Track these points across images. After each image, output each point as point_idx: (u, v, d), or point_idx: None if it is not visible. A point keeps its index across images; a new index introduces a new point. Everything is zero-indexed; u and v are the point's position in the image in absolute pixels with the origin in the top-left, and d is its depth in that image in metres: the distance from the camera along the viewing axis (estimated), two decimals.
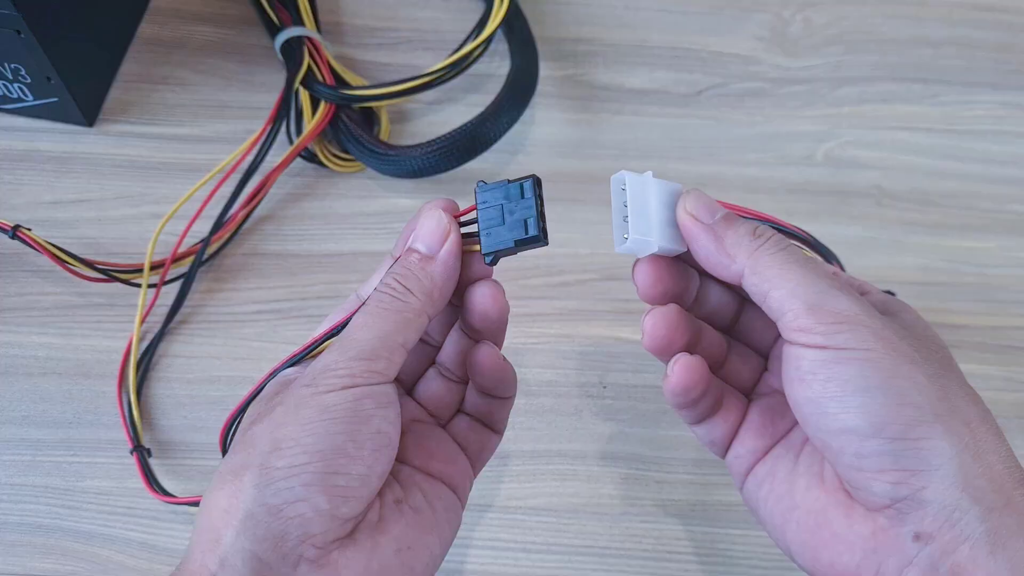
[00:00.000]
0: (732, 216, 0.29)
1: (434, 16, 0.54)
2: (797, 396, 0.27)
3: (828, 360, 0.26)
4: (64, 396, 0.42)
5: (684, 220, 0.29)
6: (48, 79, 0.45)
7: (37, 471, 0.41)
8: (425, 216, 0.30)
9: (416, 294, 0.29)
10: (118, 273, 0.43)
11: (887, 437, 0.25)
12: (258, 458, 0.26)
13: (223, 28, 0.53)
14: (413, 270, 0.29)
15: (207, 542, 0.25)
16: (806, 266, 0.27)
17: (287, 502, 0.25)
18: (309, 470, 0.25)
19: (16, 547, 0.40)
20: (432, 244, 0.29)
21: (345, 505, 0.26)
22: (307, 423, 0.26)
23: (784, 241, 0.28)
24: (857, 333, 0.26)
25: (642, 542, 0.41)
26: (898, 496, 0.25)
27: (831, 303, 0.26)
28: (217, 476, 0.26)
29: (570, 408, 0.43)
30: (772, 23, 0.55)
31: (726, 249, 0.28)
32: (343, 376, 0.27)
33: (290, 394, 0.27)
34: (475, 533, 0.41)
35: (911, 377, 0.25)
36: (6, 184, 0.47)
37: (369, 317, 0.28)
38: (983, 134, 0.52)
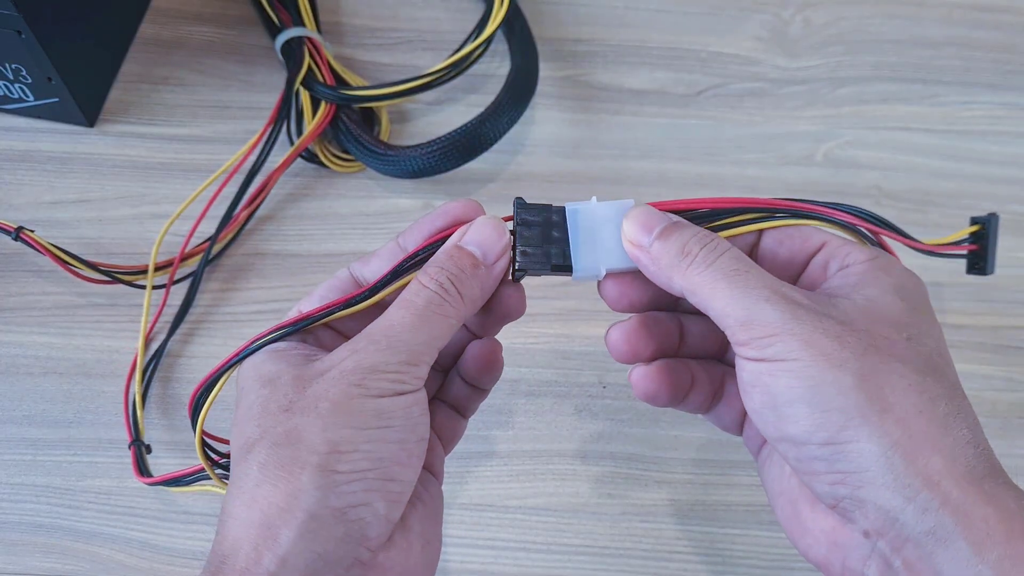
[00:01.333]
0: (668, 231, 0.29)
1: (434, 16, 0.54)
2: (746, 406, 0.28)
3: (762, 372, 0.26)
4: (64, 396, 0.42)
5: (626, 247, 0.30)
6: (49, 79, 0.45)
7: (38, 470, 0.41)
8: (485, 222, 0.29)
9: (465, 300, 0.28)
10: (121, 275, 0.43)
11: (817, 443, 0.26)
12: (315, 458, 0.25)
13: (223, 28, 0.53)
14: (467, 273, 0.29)
15: (259, 538, 0.25)
16: (733, 280, 0.27)
17: (350, 505, 0.25)
18: (370, 476, 0.26)
19: (17, 546, 0.40)
20: (489, 252, 0.29)
21: (397, 509, 0.27)
22: (364, 428, 0.26)
23: (713, 253, 0.28)
24: (785, 343, 0.26)
25: (642, 542, 0.41)
26: (839, 495, 0.26)
27: (759, 316, 0.27)
28: (258, 466, 0.26)
29: (570, 408, 0.43)
30: (772, 23, 0.55)
31: (662, 271, 0.29)
32: (394, 381, 0.27)
33: (335, 390, 0.26)
34: (475, 533, 0.41)
35: (836, 382, 0.25)
36: (7, 184, 0.47)
37: (418, 319, 0.28)
38: (982, 134, 0.52)
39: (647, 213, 0.29)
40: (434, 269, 0.29)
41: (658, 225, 0.29)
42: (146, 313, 0.43)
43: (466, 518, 0.41)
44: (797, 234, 0.30)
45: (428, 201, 0.48)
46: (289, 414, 0.26)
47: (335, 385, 0.27)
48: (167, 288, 0.44)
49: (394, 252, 0.31)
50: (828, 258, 0.30)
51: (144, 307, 0.43)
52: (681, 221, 0.29)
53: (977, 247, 0.32)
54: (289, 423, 0.26)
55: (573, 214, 0.30)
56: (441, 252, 0.29)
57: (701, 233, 0.29)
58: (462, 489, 0.41)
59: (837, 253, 0.29)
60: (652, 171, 0.50)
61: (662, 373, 0.31)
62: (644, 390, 0.31)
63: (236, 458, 0.27)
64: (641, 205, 0.30)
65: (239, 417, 0.28)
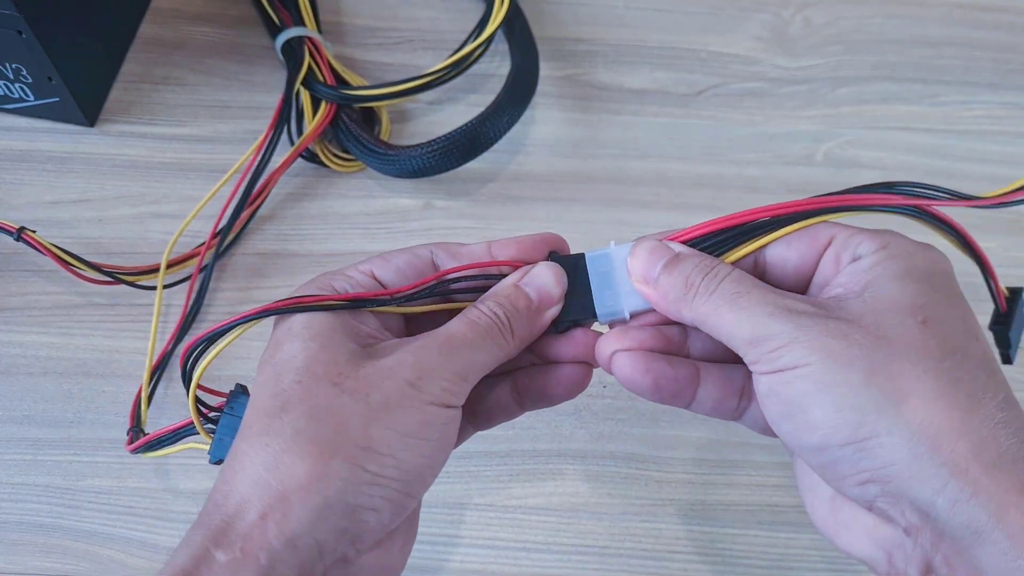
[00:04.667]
0: (671, 265, 0.29)
1: (434, 16, 0.54)
2: (767, 418, 0.28)
3: (776, 383, 0.26)
4: (65, 396, 0.42)
5: (636, 287, 0.30)
6: (49, 79, 0.45)
7: (38, 470, 0.41)
8: (549, 271, 0.30)
9: (516, 338, 0.29)
10: (124, 275, 0.43)
11: (837, 444, 0.25)
12: (351, 449, 0.25)
13: (223, 28, 0.53)
14: (522, 314, 0.29)
15: (270, 507, 0.24)
16: (736, 304, 0.27)
17: (363, 506, 0.25)
18: (393, 486, 0.26)
19: (17, 546, 0.40)
20: (544, 299, 0.30)
21: (398, 520, 0.27)
22: (406, 435, 0.26)
23: (714, 281, 0.28)
24: (793, 352, 0.26)
25: (642, 542, 0.41)
26: (871, 495, 0.25)
27: (765, 331, 0.27)
28: (293, 433, 0.25)
29: (570, 408, 0.43)
30: (772, 23, 0.55)
31: (671, 307, 0.29)
32: (446, 390, 0.27)
33: (389, 381, 0.26)
34: (475, 533, 0.41)
35: (847, 380, 0.25)
36: (7, 184, 0.47)
37: (480, 338, 0.28)
38: (983, 134, 0.52)
39: (648, 249, 0.30)
40: (493, 302, 0.29)
41: (660, 260, 0.29)
42: (157, 312, 0.43)
43: (466, 518, 0.41)
44: (804, 233, 0.30)
45: (428, 201, 0.48)
46: (338, 389, 0.26)
47: (390, 378, 0.26)
48: (190, 286, 0.44)
49: (483, 256, 0.31)
50: (839, 252, 0.29)
51: (155, 307, 0.43)
52: (683, 252, 0.30)
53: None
54: (336, 400, 0.26)
55: (592, 261, 0.31)
56: (501, 286, 0.30)
57: (702, 263, 0.29)
58: (462, 489, 0.41)
59: (847, 245, 0.29)
60: (652, 171, 0.50)
61: (646, 360, 0.30)
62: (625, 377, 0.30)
63: (262, 408, 0.26)
64: (643, 240, 0.30)
65: (280, 359, 0.27)
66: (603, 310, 0.31)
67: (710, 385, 0.31)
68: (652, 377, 0.30)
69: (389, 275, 0.30)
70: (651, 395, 0.30)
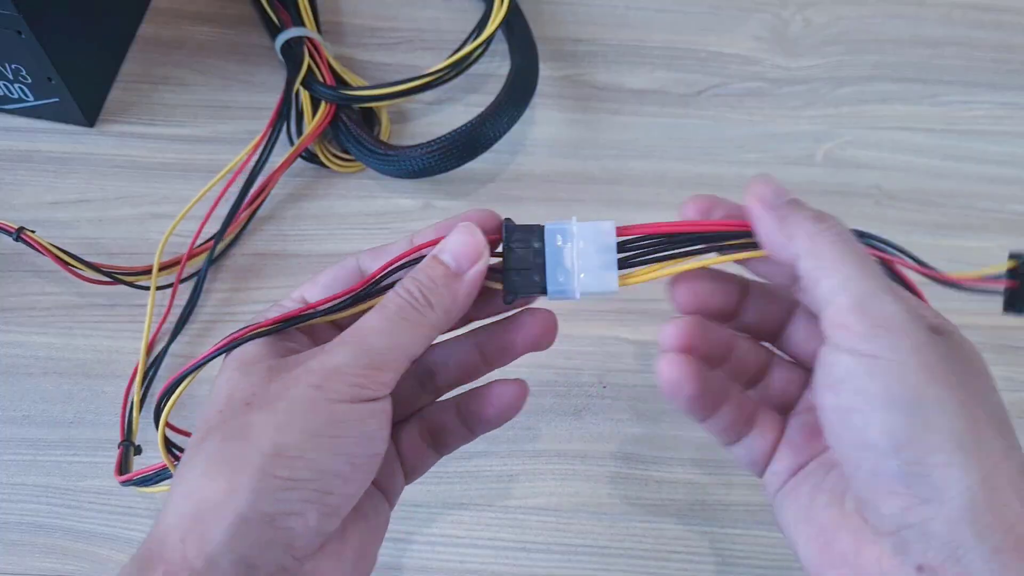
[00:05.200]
0: (799, 201, 0.28)
1: (434, 16, 0.54)
2: (825, 403, 0.26)
3: (860, 371, 0.25)
4: (64, 396, 0.42)
5: (749, 202, 0.29)
6: (49, 79, 0.45)
7: (38, 471, 0.41)
8: (460, 230, 0.29)
9: (436, 310, 0.28)
10: (122, 275, 0.43)
11: (903, 460, 0.24)
12: (258, 459, 0.25)
13: (223, 28, 0.53)
14: (438, 283, 0.28)
15: (188, 531, 0.25)
16: (864, 261, 0.26)
17: (282, 512, 0.25)
18: (309, 487, 0.25)
19: (16, 546, 0.40)
20: (462, 261, 0.29)
21: (331, 522, 0.26)
22: (314, 436, 0.26)
23: (847, 234, 0.27)
24: (895, 341, 0.25)
25: (642, 542, 0.41)
26: (905, 523, 0.25)
27: (878, 305, 0.25)
28: (205, 457, 0.26)
29: (570, 408, 0.43)
30: (772, 23, 0.55)
31: (787, 229, 0.27)
32: (352, 384, 0.26)
33: (295, 390, 0.26)
34: (475, 533, 0.41)
35: (941, 401, 0.24)
36: (7, 184, 0.47)
37: (387, 323, 0.27)
38: (982, 134, 0.52)
39: (779, 183, 0.29)
40: (408, 279, 0.29)
41: (789, 195, 0.28)
42: (149, 315, 0.43)
43: (466, 518, 0.41)
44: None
45: (428, 201, 0.48)
46: (248, 408, 0.26)
47: (296, 384, 0.26)
48: (174, 289, 0.44)
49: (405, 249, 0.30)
50: None
51: (148, 308, 0.43)
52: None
53: (1016, 284, 0.30)
54: (246, 418, 0.26)
55: (551, 234, 0.30)
56: (421, 262, 0.29)
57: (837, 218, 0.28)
58: (462, 489, 0.41)
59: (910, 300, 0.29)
60: (652, 171, 0.50)
61: (693, 368, 0.29)
62: (668, 376, 0.29)
63: (192, 443, 0.27)
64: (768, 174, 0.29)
65: (210, 398, 0.28)
66: (554, 287, 0.30)
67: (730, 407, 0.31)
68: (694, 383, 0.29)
69: (317, 293, 0.30)
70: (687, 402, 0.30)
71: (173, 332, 0.44)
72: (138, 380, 0.42)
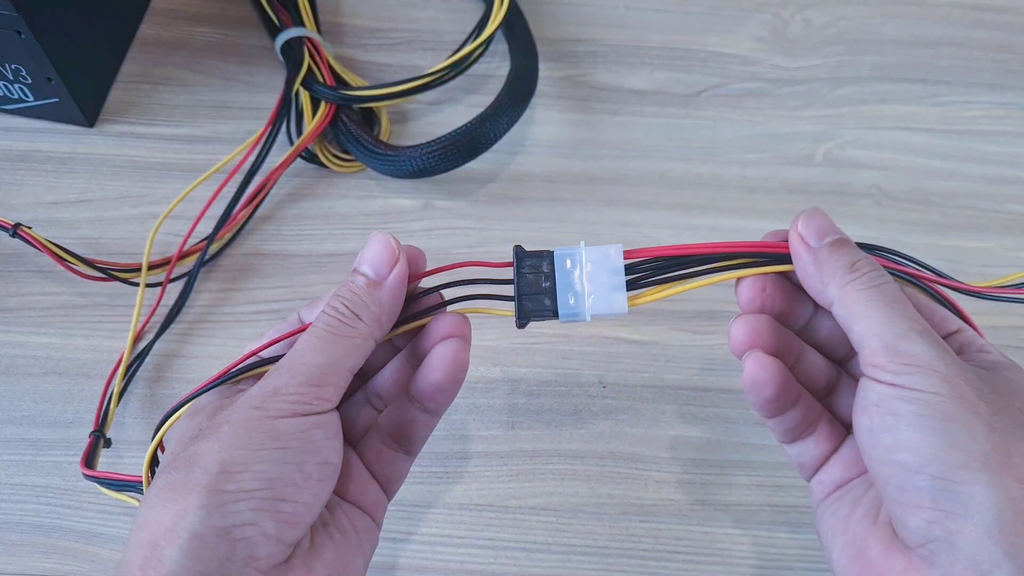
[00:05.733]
0: (840, 243, 0.30)
1: (434, 16, 0.54)
2: (859, 423, 0.28)
3: (893, 396, 0.26)
4: (64, 396, 0.42)
5: (792, 239, 0.30)
6: (49, 80, 0.45)
7: (37, 471, 0.41)
8: (374, 239, 0.30)
9: (364, 319, 0.29)
10: (118, 272, 0.43)
11: (929, 475, 0.25)
12: (205, 479, 0.25)
13: (223, 29, 0.53)
14: (360, 294, 0.29)
15: (145, 559, 0.25)
16: (891, 307, 0.28)
17: (235, 524, 0.25)
18: (259, 496, 0.26)
19: (16, 547, 0.40)
20: (380, 269, 0.30)
21: (291, 531, 0.26)
22: (258, 449, 0.26)
23: (880, 278, 0.29)
24: (926, 377, 0.26)
25: (642, 542, 0.41)
26: (931, 536, 0.25)
27: (907, 346, 0.27)
28: (155, 491, 0.26)
29: (570, 408, 0.43)
30: (772, 23, 0.55)
31: (822, 276, 0.29)
32: (293, 402, 0.27)
33: (237, 414, 0.27)
34: (475, 533, 0.41)
35: (969, 424, 0.26)
36: (7, 184, 0.47)
37: (318, 341, 0.28)
38: (982, 134, 0.52)
39: (824, 219, 0.30)
40: (332, 297, 0.30)
41: (832, 235, 0.30)
42: (137, 310, 0.43)
43: (466, 518, 0.41)
44: (933, 313, 0.31)
45: (428, 201, 0.48)
46: (194, 440, 0.27)
47: (238, 410, 0.27)
48: (163, 286, 0.44)
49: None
50: (963, 342, 0.30)
51: (136, 304, 0.43)
52: (851, 240, 0.30)
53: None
54: (192, 447, 0.27)
55: (560, 259, 0.31)
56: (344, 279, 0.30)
57: (871, 259, 0.30)
58: (462, 489, 0.41)
59: (972, 342, 0.30)
60: (652, 171, 0.50)
61: (778, 368, 0.30)
62: (754, 376, 0.30)
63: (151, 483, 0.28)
64: (817, 209, 0.30)
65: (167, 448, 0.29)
66: (565, 311, 0.31)
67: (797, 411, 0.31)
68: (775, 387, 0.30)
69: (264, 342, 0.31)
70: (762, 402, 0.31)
71: (160, 329, 0.44)
72: (120, 372, 0.41)
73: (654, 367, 0.44)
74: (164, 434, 0.31)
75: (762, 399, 0.30)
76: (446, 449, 0.42)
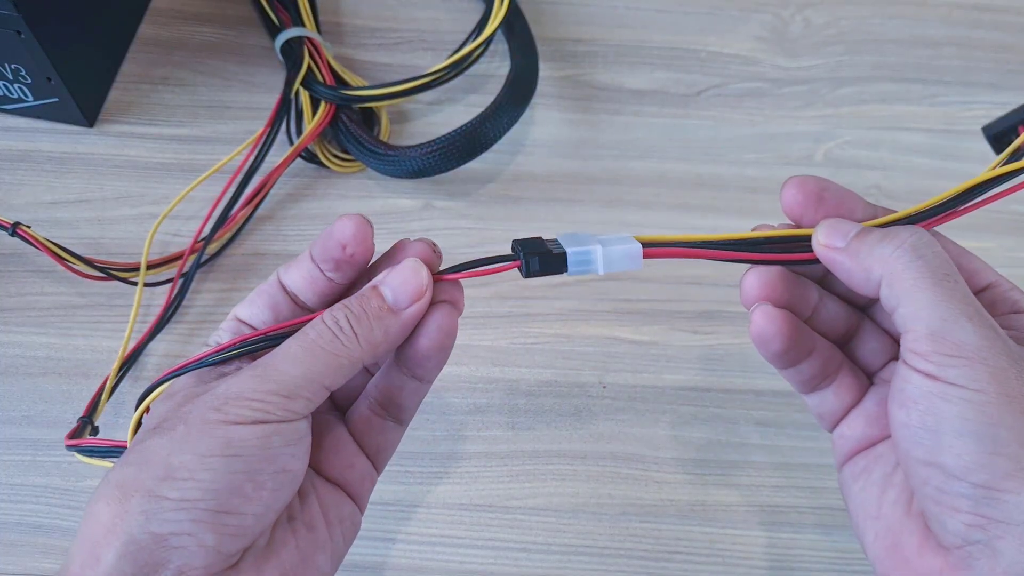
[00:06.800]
0: (865, 231, 0.28)
1: (434, 16, 0.54)
2: (895, 417, 0.26)
3: (934, 393, 0.25)
4: (64, 396, 0.42)
5: (820, 252, 0.28)
6: (48, 80, 0.45)
7: (37, 471, 0.41)
8: (408, 268, 0.28)
9: (362, 342, 0.27)
10: (117, 272, 0.43)
11: (972, 482, 0.24)
12: (149, 481, 0.25)
13: (223, 28, 0.53)
14: (370, 316, 0.27)
15: (87, 556, 0.24)
16: (939, 285, 0.26)
17: (172, 533, 0.25)
18: (200, 507, 0.25)
19: (16, 547, 0.40)
20: (402, 299, 0.28)
21: (233, 542, 0.25)
22: (207, 456, 0.25)
23: (922, 248, 0.26)
24: (973, 370, 0.24)
25: (642, 542, 0.41)
26: (971, 539, 0.24)
27: (954, 333, 0.25)
28: (105, 484, 0.25)
29: (570, 408, 0.43)
30: (772, 23, 0.55)
31: (862, 264, 0.27)
32: (256, 409, 0.26)
33: (195, 413, 0.26)
34: (475, 533, 0.41)
35: (1017, 428, 0.24)
36: (6, 184, 0.47)
37: (302, 351, 0.27)
38: (982, 134, 0.52)
39: (839, 221, 0.28)
40: (340, 306, 0.28)
41: (854, 229, 0.28)
42: (135, 309, 0.43)
43: (466, 519, 0.41)
44: (961, 267, 0.28)
45: (428, 201, 0.48)
46: (152, 432, 0.26)
47: (197, 408, 0.26)
48: (173, 284, 0.44)
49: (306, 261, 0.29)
50: (994, 299, 0.28)
51: (134, 303, 0.43)
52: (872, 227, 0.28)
53: None
54: (147, 443, 0.26)
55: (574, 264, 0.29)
56: (361, 290, 0.28)
57: (918, 228, 0.27)
58: (462, 489, 0.41)
59: (1006, 297, 0.28)
60: (652, 171, 0.50)
61: (786, 321, 0.29)
62: (761, 329, 0.29)
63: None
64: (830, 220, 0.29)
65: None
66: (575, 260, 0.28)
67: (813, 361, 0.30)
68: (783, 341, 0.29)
69: (245, 310, 0.30)
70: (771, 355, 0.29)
71: (154, 328, 0.43)
72: (114, 368, 0.41)
73: (654, 367, 0.44)
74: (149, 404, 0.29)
75: (771, 352, 0.29)
76: (446, 449, 0.42)
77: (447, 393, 0.43)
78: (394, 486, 0.41)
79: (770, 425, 0.43)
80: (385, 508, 0.41)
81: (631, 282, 0.46)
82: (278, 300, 0.30)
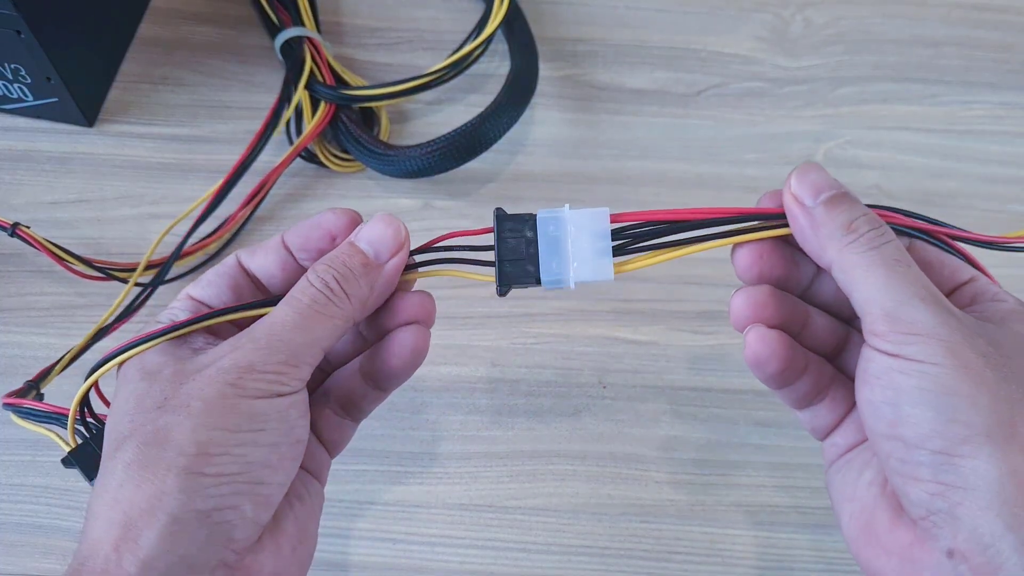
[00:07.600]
0: (837, 199, 0.28)
1: (434, 16, 0.54)
2: (860, 395, 0.27)
3: (893, 368, 0.26)
4: (64, 396, 0.42)
5: (786, 199, 0.28)
6: (48, 79, 0.45)
7: (37, 471, 0.41)
8: (382, 220, 0.29)
9: (353, 300, 0.28)
10: (117, 272, 0.43)
11: (929, 450, 0.25)
12: (183, 460, 0.25)
13: (223, 28, 0.53)
14: (355, 273, 0.28)
15: (120, 539, 0.24)
16: (893, 270, 0.26)
17: (216, 508, 0.25)
18: (239, 480, 0.25)
19: (16, 547, 0.40)
20: (381, 251, 0.28)
21: (266, 512, 0.26)
22: (236, 431, 0.25)
23: (879, 239, 0.27)
24: (928, 346, 0.25)
25: (642, 542, 0.41)
26: (933, 508, 0.25)
27: (908, 313, 0.26)
28: (122, 464, 0.25)
29: (570, 408, 0.43)
30: (772, 23, 0.55)
31: (819, 239, 0.28)
32: (272, 382, 0.26)
33: (210, 388, 0.26)
34: (475, 534, 0.41)
35: (972, 396, 0.25)
36: (6, 184, 0.47)
37: (300, 317, 0.27)
38: (983, 134, 0.52)
39: (819, 174, 0.28)
40: (322, 267, 0.28)
41: (828, 191, 0.28)
42: (116, 305, 0.42)
43: (466, 519, 0.41)
44: (943, 264, 0.29)
45: (428, 201, 0.48)
46: (161, 411, 0.26)
47: (210, 384, 0.26)
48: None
49: (278, 248, 0.30)
50: (976, 292, 0.29)
51: (119, 299, 0.42)
52: (850, 193, 0.28)
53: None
54: (160, 421, 0.26)
55: (544, 223, 0.30)
56: (336, 249, 0.29)
57: (870, 214, 0.28)
58: (462, 490, 0.41)
59: (986, 291, 0.29)
60: (652, 171, 0.50)
61: (781, 341, 0.29)
62: (756, 352, 0.29)
63: (106, 454, 0.27)
64: (812, 164, 0.29)
65: (114, 409, 0.27)
66: (548, 277, 0.29)
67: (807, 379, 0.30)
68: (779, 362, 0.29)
69: (201, 291, 0.30)
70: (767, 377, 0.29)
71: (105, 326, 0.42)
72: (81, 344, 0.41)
73: (654, 367, 0.44)
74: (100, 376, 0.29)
75: (767, 374, 0.29)
76: (446, 449, 0.42)
77: (447, 393, 0.43)
78: (394, 486, 0.41)
79: (770, 425, 0.43)
80: (385, 508, 0.41)
81: (631, 282, 0.46)
82: (240, 282, 0.30)
